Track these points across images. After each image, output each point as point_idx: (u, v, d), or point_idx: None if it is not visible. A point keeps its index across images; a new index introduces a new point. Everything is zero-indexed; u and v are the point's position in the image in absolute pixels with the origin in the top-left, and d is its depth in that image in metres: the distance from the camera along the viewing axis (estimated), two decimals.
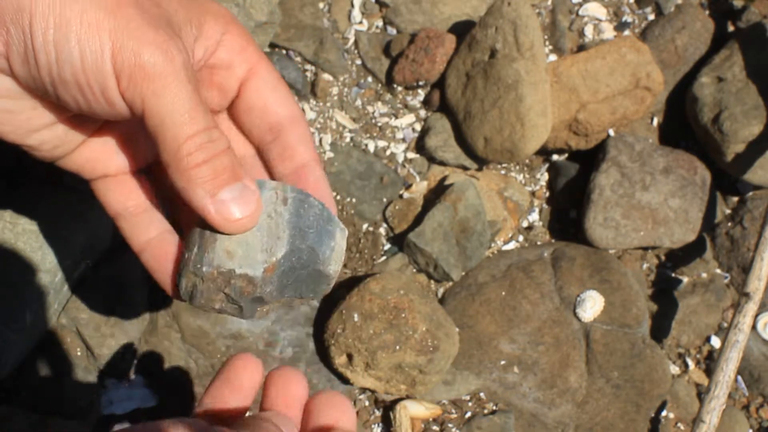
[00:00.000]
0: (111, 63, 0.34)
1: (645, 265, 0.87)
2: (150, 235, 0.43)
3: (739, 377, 0.82)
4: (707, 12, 0.95)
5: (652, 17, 0.96)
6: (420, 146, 0.88)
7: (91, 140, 0.43)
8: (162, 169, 0.38)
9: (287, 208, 0.39)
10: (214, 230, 0.38)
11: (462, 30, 0.88)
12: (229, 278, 0.38)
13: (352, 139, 0.88)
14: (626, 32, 0.95)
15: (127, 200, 0.43)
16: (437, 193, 0.84)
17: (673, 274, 0.87)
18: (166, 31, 0.36)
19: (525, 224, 0.88)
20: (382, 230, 0.85)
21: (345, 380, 0.74)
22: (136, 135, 0.43)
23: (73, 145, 0.42)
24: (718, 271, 0.87)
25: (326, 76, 0.90)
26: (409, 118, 0.90)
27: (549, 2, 0.96)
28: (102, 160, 0.43)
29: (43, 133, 0.40)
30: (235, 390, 0.37)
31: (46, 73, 0.35)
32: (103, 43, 0.34)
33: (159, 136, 0.36)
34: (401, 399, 0.75)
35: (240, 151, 0.45)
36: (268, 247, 0.38)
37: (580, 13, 0.96)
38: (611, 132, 0.87)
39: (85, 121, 0.41)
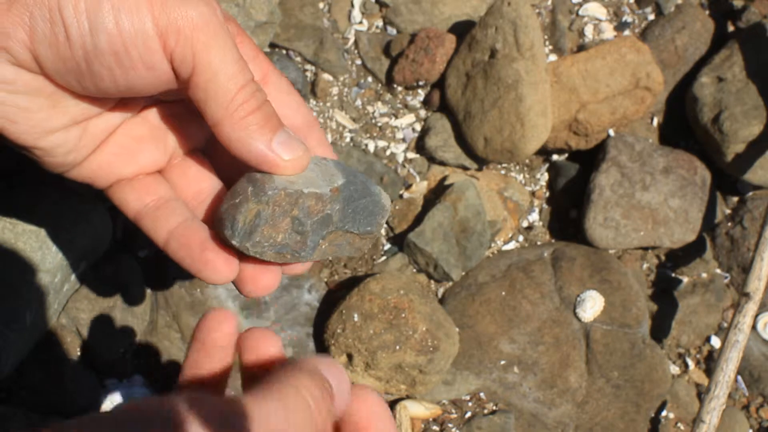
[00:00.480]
0: (152, 23, 0.34)
1: (645, 265, 0.87)
2: (172, 225, 0.42)
3: (739, 377, 0.82)
4: (707, 12, 0.95)
5: (652, 17, 0.96)
6: (420, 146, 0.88)
7: (103, 147, 0.42)
8: (188, 168, 0.39)
9: (330, 161, 0.41)
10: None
11: (462, 30, 0.88)
12: (296, 198, 0.38)
13: (352, 139, 0.88)
14: (626, 32, 0.95)
15: (145, 197, 0.43)
16: (437, 193, 0.84)
17: (673, 274, 0.87)
18: None
19: (525, 224, 0.88)
20: (382, 230, 0.85)
21: None
22: (154, 132, 0.43)
23: (86, 151, 0.41)
24: (718, 271, 0.87)
25: (326, 76, 0.90)
26: (409, 118, 0.90)
27: (549, 2, 0.96)
28: (116, 164, 0.43)
29: (58, 136, 0.39)
30: (210, 353, 0.36)
31: (79, 46, 0.34)
32: (140, 6, 0.34)
33: (211, 90, 0.36)
34: (401, 399, 0.75)
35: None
36: (327, 178, 0.40)
37: (580, 13, 0.96)
38: (611, 132, 0.87)
39: (101, 122, 0.41)
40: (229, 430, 0.27)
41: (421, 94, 0.90)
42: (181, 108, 0.44)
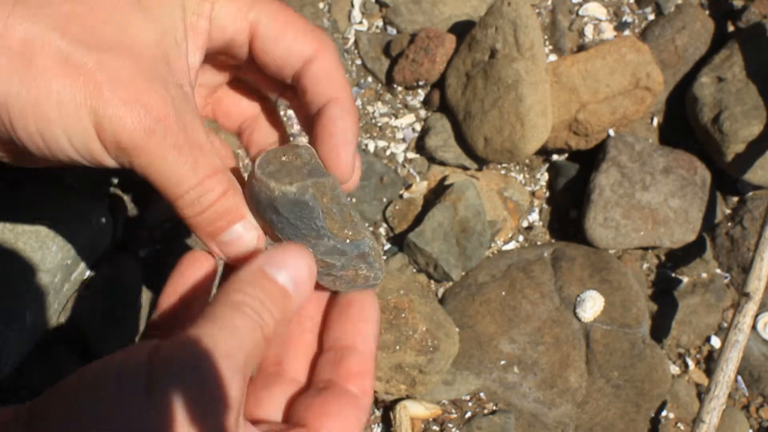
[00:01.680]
0: (99, 143, 0.35)
1: (645, 265, 0.87)
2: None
3: (739, 377, 0.82)
4: (707, 12, 0.95)
5: (652, 17, 0.96)
6: (420, 146, 0.88)
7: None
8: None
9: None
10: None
11: (462, 30, 0.88)
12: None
13: None
14: (626, 32, 0.95)
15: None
16: (437, 193, 0.84)
17: (673, 274, 0.87)
18: (149, 77, 0.35)
19: (525, 224, 0.88)
20: (382, 230, 0.85)
21: None
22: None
23: None
24: (718, 271, 0.87)
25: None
26: (409, 118, 0.90)
27: (549, 2, 0.96)
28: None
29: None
30: (188, 285, 0.39)
31: (39, 157, 0.36)
32: (86, 128, 0.34)
33: (159, 191, 0.37)
34: (401, 399, 0.75)
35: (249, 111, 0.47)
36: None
37: (580, 13, 0.96)
38: (611, 132, 0.87)
39: None
40: (184, 372, 0.29)
41: (421, 94, 0.90)
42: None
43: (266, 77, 0.44)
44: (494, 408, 0.77)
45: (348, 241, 0.38)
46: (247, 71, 0.45)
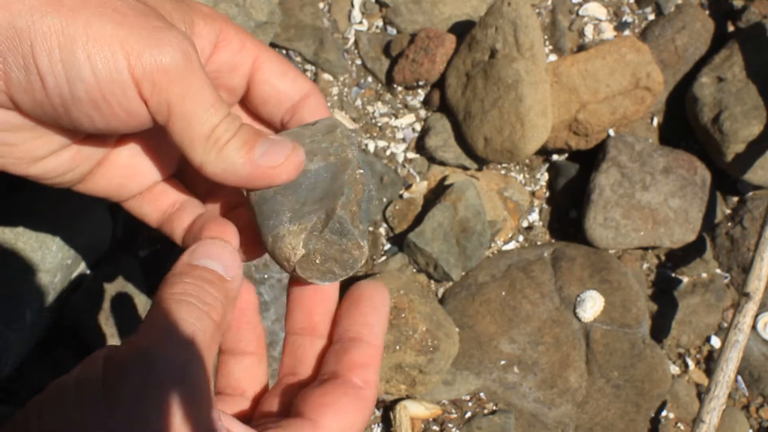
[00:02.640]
0: (128, 72, 0.34)
1: (645, 265, 0.87)
2: (186, 222, 0.43)
3: (739, 377, 0.82)
4: (707, 12, 0.95)
5: (652, 17, 0.96)
6: (420, 146, 0.88)
7: (110, 162, 0.42)
8: (191, 170, 0.39)
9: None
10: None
11: (462, 30, 0.88)
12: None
13: None
14: (626, 32, 0.95)
15: (163, 205, 0.43)
16: (437, 193, 0.84)
17: (673, 274, 0.87)
18: (176, 31, 0.35)
19: (525, 224, 0.88)
20: (382, 230, 0.85)
21: None
22: (158, 144, 0.43)
23: (84, 170, 0.41)
24: (718, 271, 0.87)
25: (326, 76, 0.90)
26: (409, 118, 0.90)
27: (549, 2, 0.96)
28: (129, 179, 0.42)
29: (46, 162, 0.39)
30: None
31: (56, 95, 0.34)
32: (115, 54, 0.33)
33: (186, 135, 0.36)
34: (401, 399, 0.75)
35: None
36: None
37: (580, 13, 0.96)
38: (611, 132, 0.87)
39: (93, 144, 0.40)
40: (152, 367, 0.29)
41: (421, 94, 0.90)
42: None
43: (253, 117, 0.45)
44: (494, 408, 0.77)
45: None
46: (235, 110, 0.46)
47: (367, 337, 0.38)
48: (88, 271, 0.69)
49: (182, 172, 0.45)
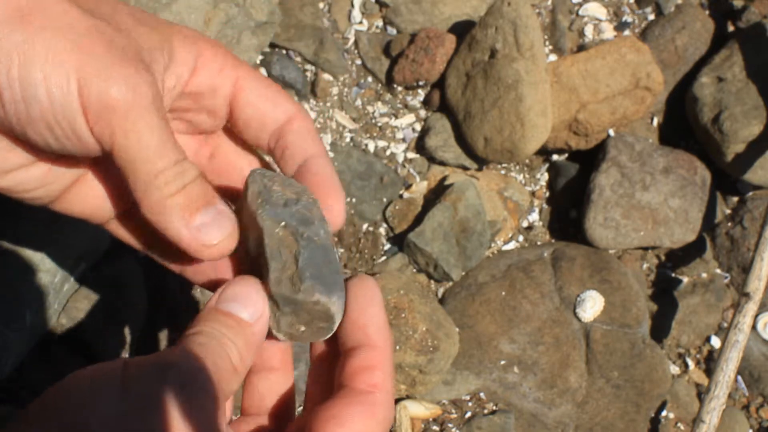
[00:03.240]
0: (78, 100, 0.33)
1: (645, 265, 0.87)
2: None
3: (739, 377, 0.82)
4: (707, 12, 0.95)
5: (652, 17, 0.96)
6: (420, 146, 0.88)
7: (84, 183, 0.41)
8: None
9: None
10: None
11: (462, 30, 0.88)
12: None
13: (352, 139, 0.88)
14: (626, 32, 0.95)
15: (145, 230, 0.42)
16: (437, 193, 0.84)
17: (673, 274, 0.87)
18: (135, 64, 0.34)
19: (525, 224, 0.88)
20: (382, 230, 0.85)
21: None
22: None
23: (57, 188, 0.40)
24: (718, 271, 0.87)
25: (326, 76, 0.90)
26: (409, 118, 0.90)
27: (549, 2, 0.96)
28: (102, 200, 0.41)
29: (16, 175, 0.38)
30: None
31: (12, 112, 0.34)
32: (69, 80, 0.33)
33: (129, 173, 0.35)
34: (401, 399, 0.75)
35: (242, 163, 0.44)
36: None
37: (580, 13, 0.96)
38: (611, 132, 0.87)
39: (65, 163, 0.39)
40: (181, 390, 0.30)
41: (421, 94, 0.90)
42: None
43: (238, 140, 0.44)
44: (494, 408, 0.77)
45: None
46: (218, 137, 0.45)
47: (365, 340, 0.36)
48: (88, 272, 0.69)
49: None
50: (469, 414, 0.77)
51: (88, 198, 0.41)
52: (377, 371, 0.35)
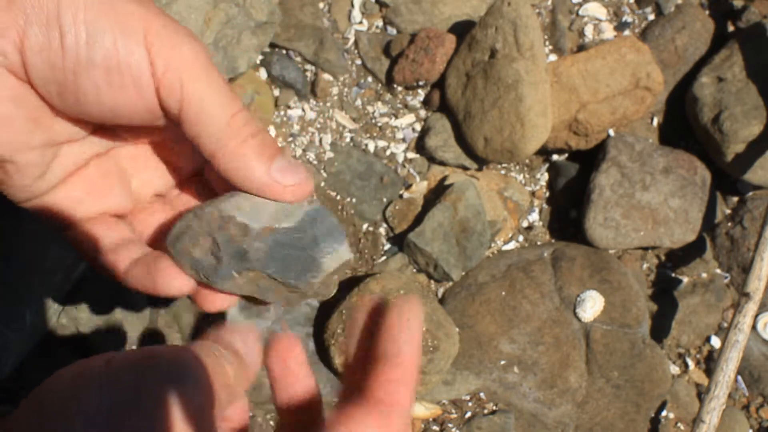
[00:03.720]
0: (146, 49, 0.34)
1: (645, 265, 0.87)
2: (133, 257, 0.40)
3: (739, 377, 0.82)
4: (707, 12, 0.95)
5: (652, 17, 0.96)
6: (420, 146, 0.88)
7: (71, 180, 0.41)
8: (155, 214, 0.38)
9: (314, 206, 0.40)
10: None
11: (462, 30, 0.88)
12: (226, 222, 0.38)
13: (352, 139, 0.88)
14: (626, 32, 0.95)
15: (107, 236, 0.41)
16: (437, 193, 0.84)
17: (673, 274, 0.87)
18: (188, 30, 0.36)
19: (525, 224, 0.88)
20: (382, 230, 0.85)
21: None
22: (122, 174, 0.42)
23: (55, 179, 0.40)
24: (718, 271, 0.87)
25: (326, 76, 0.90)
26: (409, 118, 0.90)
27: (549, 2, 0.96)
28: (84, 201, 0.41)
29: (34, 154, 0.38)
30: (294, 376, 0.39)
31: (72, 56, 0.34)
32: (136, 30, 0.34)
33: (201, 122, 0.36)
34: None
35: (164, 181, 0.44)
36: (277, 217, 0.38)
37: (580, 13, 0.96)
38: (611, 132, 0.87)
39: (74, 151, 0.40)
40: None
41: (421, 94, 0.90)
42: (148, 151, 0.44)
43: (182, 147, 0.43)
44: (494, 408, 0.77)
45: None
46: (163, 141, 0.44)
47: (397, 354, 0.36)
48: (88, 272, 0.69)
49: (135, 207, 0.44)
50: (469, 414, 0.77)
51: (65, 200, 0.41)
52: (402, 387, 0.35)
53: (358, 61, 0.91)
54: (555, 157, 0.91)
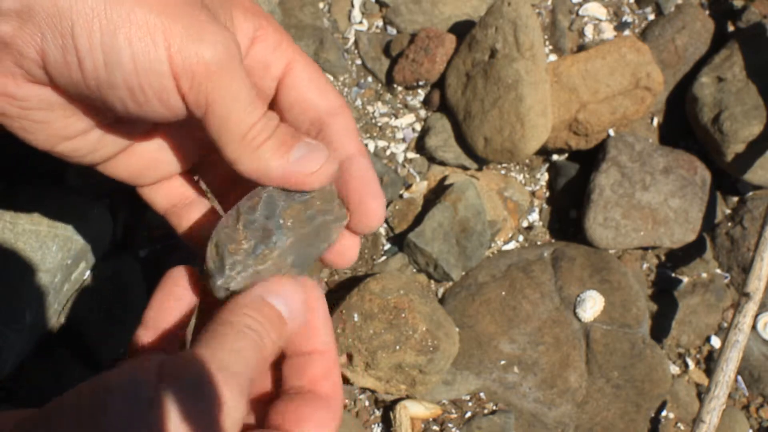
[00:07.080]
0: (168, 63, 0.34)
1: (645, 265, 0.87)
2: (196, 217, 0.43)
3: (739, 377, 0.82)
4: (707, 12, 0.95)
5: (652, 17, 0.96)
6: (420, 146, 0.88)
7: (134, 149, 0.42)
8: (219, 165, 0.40)
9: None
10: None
11: (462, 30, 0.88)
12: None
13: None
14: (626, 32, 0.95)
15: (174, 197, 0.44)
16: (437, 193, 0.84)
17: (673, 274, 0.87)
18: (218, 24, 0.35)
19: (525, 224, 0.88)
20: (382, 230, 0.85)
21: (345, 380, 0.74)
22: (181, 138, 0.43)
23: (109, 152, 0.41)
24: (718, 271, 0.87)
25: (326, 76, 0.90)
26: (409, 118, 0.90)
27: (549, 2, 0.96)
28: (149, 168, 0.43)
29: (75, 141, 0.39)
30: (174, 305, 0.39)
31: (92, 77, 0.34)
32: (157, 44, 0.33)
33: (222, 132, 0.36)
34: (401, 399, 0.75)
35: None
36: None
37: (580, 13, 0.96)
38: (611, 132, 0.87)
39: (121, 132, 0.40)
40: (196, 392, 0.30)
41: (421, 94, 0.90)
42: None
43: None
44: (494, 408, 0.77)
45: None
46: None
47: (321, 348, 0.38)
48: (88, 271, 0.69)
49: (200, 168, 0.46)
50: (469, 414, 0.77)
51: (130, 165, 0.42)
52: (334, 377, 0.38)
53: (358, 61, 0.91)
54: (555, 157, 0.91)
